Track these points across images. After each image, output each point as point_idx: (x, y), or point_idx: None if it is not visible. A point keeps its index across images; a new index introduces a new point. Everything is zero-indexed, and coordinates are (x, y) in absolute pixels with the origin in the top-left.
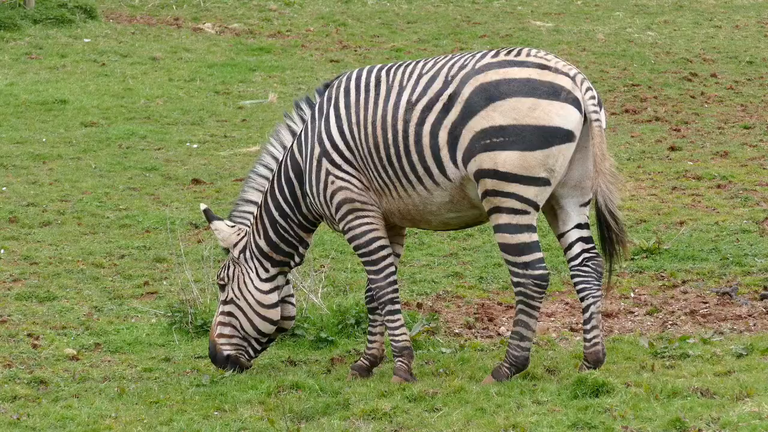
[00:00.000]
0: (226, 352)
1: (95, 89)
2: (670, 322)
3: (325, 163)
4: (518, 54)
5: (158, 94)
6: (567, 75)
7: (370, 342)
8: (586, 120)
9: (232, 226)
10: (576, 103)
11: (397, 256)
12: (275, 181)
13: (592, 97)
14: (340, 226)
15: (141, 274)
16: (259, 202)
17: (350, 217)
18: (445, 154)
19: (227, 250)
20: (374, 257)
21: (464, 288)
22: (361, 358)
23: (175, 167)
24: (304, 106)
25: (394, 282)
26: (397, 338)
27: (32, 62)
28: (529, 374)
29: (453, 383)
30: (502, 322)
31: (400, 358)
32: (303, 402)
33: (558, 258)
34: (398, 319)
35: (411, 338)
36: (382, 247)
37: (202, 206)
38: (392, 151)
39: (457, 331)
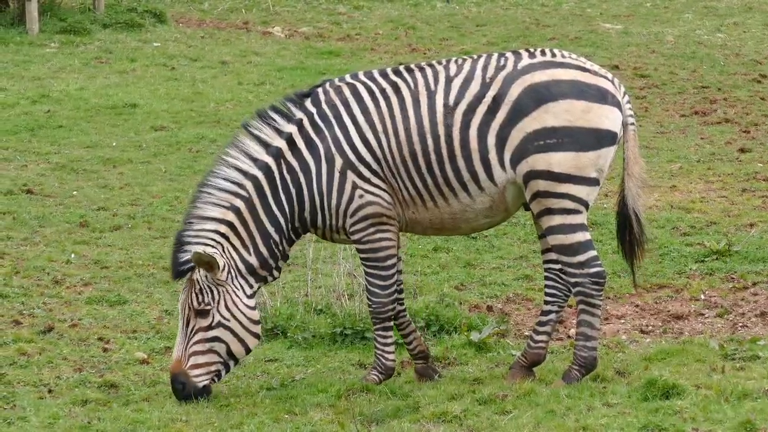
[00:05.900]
0: (201, 384)
1: (165, 93)
2: (740, 324)
3: (352, 176)
4: (553, 55)
5: (228, 98)
6: (607, 78)
7: (409, 344)
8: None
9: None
10: (619, 106)
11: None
12: (269, 194)
13: (628, 102)
14: (356, 236)
15: None
16: (241, 218)
17: (372, 230)
18: (493, 156)
19: (182, 275)
20: (385, 273)
21: (534, 291)
22: (414, 363)
23: None
24: (274, 115)
25: (395, 300)
26: (386, 355)
27: (102, 66)
28: (599, 376)
29: (523, 386)
30: (572, 325)
31: (379, 374)
32: (373, 405)
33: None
34: (390, 336)
35: (481, 340)
36: (393, 265)
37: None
38: (433, 158)
39: (527, 333)
